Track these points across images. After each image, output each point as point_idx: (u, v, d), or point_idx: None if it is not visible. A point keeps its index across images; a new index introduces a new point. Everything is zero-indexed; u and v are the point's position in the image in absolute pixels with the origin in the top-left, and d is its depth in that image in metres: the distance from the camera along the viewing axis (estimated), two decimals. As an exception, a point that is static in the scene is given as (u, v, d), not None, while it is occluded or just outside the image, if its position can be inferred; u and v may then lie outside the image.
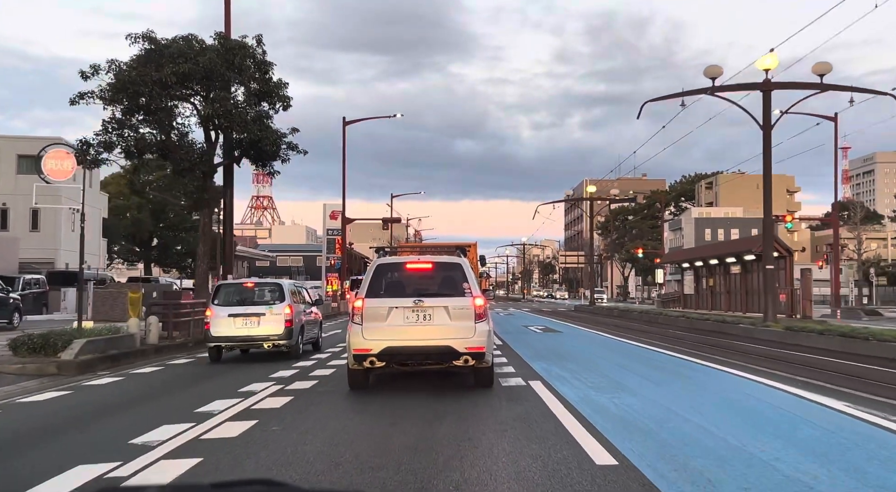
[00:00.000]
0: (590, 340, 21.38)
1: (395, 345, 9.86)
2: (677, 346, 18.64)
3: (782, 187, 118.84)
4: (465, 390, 10.42)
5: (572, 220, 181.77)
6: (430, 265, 10.79)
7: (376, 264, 10.75)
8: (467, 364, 10.02)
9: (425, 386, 10.85)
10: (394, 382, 11.40)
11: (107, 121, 21.04)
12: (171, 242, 67.39)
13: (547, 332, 25.40)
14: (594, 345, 19.22)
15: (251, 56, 22.75)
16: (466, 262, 10.80)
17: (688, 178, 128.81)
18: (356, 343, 9.93)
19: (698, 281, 45.37)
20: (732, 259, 38.72)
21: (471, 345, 9.86)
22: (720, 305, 41.32)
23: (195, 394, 10.40)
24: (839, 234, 42.79)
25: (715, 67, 22.79)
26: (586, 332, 25.17)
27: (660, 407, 8.78)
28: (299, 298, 17.53)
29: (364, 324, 9.93)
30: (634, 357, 15.56)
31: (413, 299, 10.03)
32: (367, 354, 9.87)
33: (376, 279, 10.43)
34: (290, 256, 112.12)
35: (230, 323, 15.56)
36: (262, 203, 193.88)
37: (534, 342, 20.29)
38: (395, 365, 10.37)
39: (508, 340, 20.65)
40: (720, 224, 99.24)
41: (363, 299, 10.05)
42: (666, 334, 23.75)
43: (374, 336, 9.88)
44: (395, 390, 10.56)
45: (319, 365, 14.43)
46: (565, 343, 19.96)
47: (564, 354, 16.37)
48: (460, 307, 10.02)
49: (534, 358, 15.45)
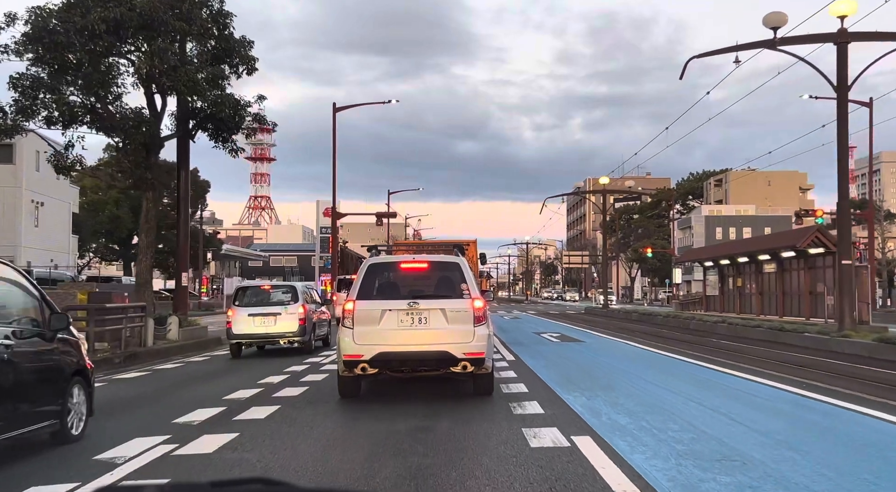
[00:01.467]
0: (626, 354, 17.11)
1: (389, 350, 9.39)
2: (751, 365, 14.30)
3: (794, 184, 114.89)
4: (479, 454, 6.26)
5: (574, 219, 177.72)
6: (425, 265, 10.43)
7: (368, 264, 10.22)
8: (465, 371, 9.48)
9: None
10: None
11: (15, 77, 16.76)
12: (152, 241, 62.97)
13: (565, 341, 21.14)
14: (637, 363, 14.93)
15: (205, 4, 18.50)
16: (465, 261, 10.29)
17: (695, 175, 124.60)
18: (346, 348, 9.45)
19: (723, 281, 41.09)
20: (766, 256, 34.43)
21: (469, 350, 9.37)
22: (749, 308, 37.06)
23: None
24: (853, 233, 38.56)
25: (778, 14, 18.42)
26: (615, 342, 20.88)
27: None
28: (311, 299, 18.87)
29: (355, 328, 9.44)
30: (710, 386, 11.25)
31: (408, 301, 9.54)
32: (358, 361, 9.38)
33: (368, 280, 9.99)
34: (284, 255, 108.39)
35: (250, 322, 17.10)
36: (259, 203, 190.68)
37: (555, 357, 16.06)
38: (388, 372, 9.78)
39: (522, 354, 16.44)
40: (731, 222, 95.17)
41: (354, 301, 9.57)
42: (718, 346, 19.48)
43: (366, 341, 9.40)
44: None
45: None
46: (597, 359, 15.73)
47: (605, 379, 12.15)
48: (458, 310, 9.55)
49: (564, 384, 11.25)
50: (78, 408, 7.55)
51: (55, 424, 7.15)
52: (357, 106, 48.17)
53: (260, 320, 17.21)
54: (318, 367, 14.65)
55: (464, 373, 9.54)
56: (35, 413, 6.91)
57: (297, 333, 17.25)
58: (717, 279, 41.68)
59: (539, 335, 23.68)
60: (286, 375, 13.22)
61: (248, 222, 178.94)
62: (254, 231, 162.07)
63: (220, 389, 11.25)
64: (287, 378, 12.69)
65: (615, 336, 23.04)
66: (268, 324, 17.22)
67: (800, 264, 31.79)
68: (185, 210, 20.96)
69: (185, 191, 21.06)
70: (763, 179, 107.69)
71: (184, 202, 20.99)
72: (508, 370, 13.19)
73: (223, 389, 11.20)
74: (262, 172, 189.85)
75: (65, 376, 7.44)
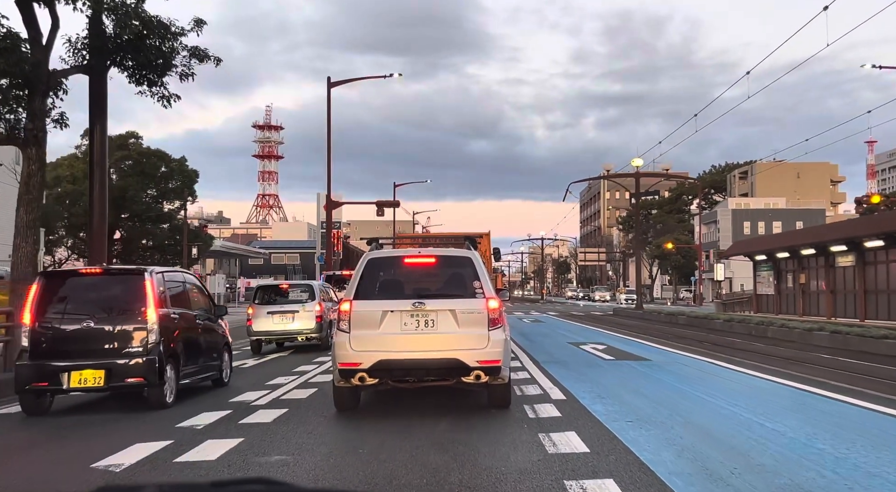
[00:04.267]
0: (738, 388, 11.07)
1: (391, 358, 8.44)
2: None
3: (826, 176, 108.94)
4: None
5: (588, 216, 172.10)
6: (432, 259, 9.33)
7: (367, 259, 9.16)
8: (479, 381, 8.46)
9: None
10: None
11: None
12: (135, 235, 57.89)
13: (622, 359, 15.36)
14: (783, 412, 8.87)
15: None
16: (477, 255, 9.25)
17: (717, 168, 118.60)
18: (342, 355, 8.51)
19: (780, 277, 35.23)
20: (842, 247, 28.57)
21: (484, 357, 8.38)
22: (817, 310, 31.23)
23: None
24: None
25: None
26: (695, 361, 14.85)
27: None
28: (327, 297, 19.49)
29: (352, 332, 8.54)
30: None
31: (412, 301, 8.61)
32: (355, 369, 8.43)
33: (367, 277, 8.99)
34: (286, 253, 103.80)
35: (269, 319, 18.05)
36: (267, 202, 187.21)
37: (627, 393, 10.35)
38: (390, 382, 8.72)
39: (570, 384, 10.98)
40: (760, 216, 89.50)
41: (350, 301, 8.70)
42: (852, 370, 13.61)
43: (365, 347, 8.48)
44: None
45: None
46: (707, 401, 9.72)
47: (757, 455, 6.34)
48: (470, 311, 8.60)
49: (702, 482, 5.45)
50: (227, 365, 12.24)
51: (216, 374, 11.68)
52: (354, 80, 43.87)
53: (279, 318, 18.05)
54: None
55: (477, 383, 8.58)
56: (211, 365, 11.45)
57: (314, 331, 18.07)
58: (772, 275, 35.83)
59: (579, 348, 17.95)
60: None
61: (255, 221, 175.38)
62: (261, 229, 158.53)
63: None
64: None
65: (684, 350, 17.27)
66: (286, 321, 18.09)
67: (889, 256, 25.94)
68: (100, 177, 15.38)
69: (102, 151, 15.46)
70: (792, 171, 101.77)
71: (99, 167, 15.39)
72: (565, 429, 7.52)
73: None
74: (269, 170, 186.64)
75: (221, 344, 12.02)
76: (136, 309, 9.63)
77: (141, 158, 56.08)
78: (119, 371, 9.34)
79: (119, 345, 9.49)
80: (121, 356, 9.41)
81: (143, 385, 9.46)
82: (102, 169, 15.69)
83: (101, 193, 15.79)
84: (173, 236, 56.51)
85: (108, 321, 9.64)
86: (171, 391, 9.76)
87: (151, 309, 9.56)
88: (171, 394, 9.78)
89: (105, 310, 9.77)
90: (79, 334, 9.54)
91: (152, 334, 9.50)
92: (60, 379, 9.22)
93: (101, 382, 9.29)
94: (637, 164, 38.80)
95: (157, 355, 9.44)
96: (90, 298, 9.95)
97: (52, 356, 9.35)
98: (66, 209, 51.91)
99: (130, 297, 9.78)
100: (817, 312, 31.03)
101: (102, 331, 9.57)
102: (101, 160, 15.57)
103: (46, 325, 9.54)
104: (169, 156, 57.54)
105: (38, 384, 9.31)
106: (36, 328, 9.47)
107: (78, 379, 9.23)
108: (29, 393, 9.37)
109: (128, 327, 9.56)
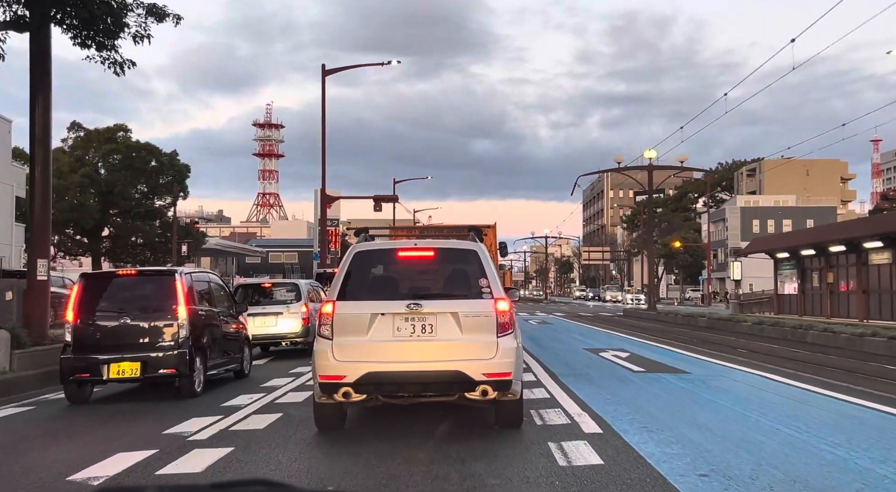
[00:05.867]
0: (821, 410, 8.79)
1: (381, 369, 7.13)
2: None
3: (834, 174, 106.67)
4: None
5: (591, 215, 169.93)
6: (431, 253, 7.88)
7: (354, 252, 7.82)
8: (485, 397, 7.12)
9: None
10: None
11: None
12: (124, 232, 55.79)
13: (653, 372, 13.04)
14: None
15: None
16: (484, 248, 7.87)
17: (724, 165, 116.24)
18: (323, 367, 7.20)
19: (804, 276, 32.93)
20: (877, 243, 26.29)
21: (492, 369, 7.07)
22: (847, 311, 28.95)
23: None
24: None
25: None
26: (750, 376, 12.40)
27: None
28: (316, 297, 17.85)
29: (335, 338, 7.23)
30: None
31: (407, 303, 7.30)
32: (339, 383, 7.11)
33: (354, 274, 7.65)
34: (284, 251, 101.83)
35: (250, 322, 15.46)
36: (268, 200, 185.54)
37: (689, 430, 8.03)
38: (380, 398, 7.38)
39: (600, 408, 8.83)
40: (770, 214, 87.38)
41: (334, 302, 7.34)
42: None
43: (350, 357, 7.17)
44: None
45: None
46: (794, 437, 7.23)
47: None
48: (476, 314, 7.28)
49: None
50: (247, 359, 13.09)
51: (238, 366, 12.54)
52: (350, 68, 41.92)
53: (260, 320, 16.47)
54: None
55: (484, 400, 7.18)
56: (234, 358, 12.38)
57: (299, 334, 16.69)
58: (796, 274, 33.53)
59: (599, 356, 15.69)
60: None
61: (255, 220, 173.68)
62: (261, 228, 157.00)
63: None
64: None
65: (721, 359, 14.99)
66: (269, 324, 16.66)
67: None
68: (42, 157, 13.11)
69: (45, 125, 13.16)
70: (801, 169, 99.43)
71: (41, 144, 13.10)
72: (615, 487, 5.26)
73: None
74: (270, 168, 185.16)
75: (242, 339, 12.97)
76: (168, 306, 10.46)
77: (130, 151, 53.90)
78: (153, 363, 10.19)
79: (153, 339, 10.36)
80: (155, 349, 10.27)
81: (175, 375, 10.28)
82: (45, 148, 13.44)
83: (44, 175, 13.57)
84: (164, 233, 54.32)
85: (142, 318, 10.46)
86: (199, 381, 10.61)
87: (182, 306, 10.40)
88: (200, 384, 10.65)
89: (140, 307, 10.58)
90: (116, 330, 10.39)
91: (183, 329, 10.36)
92: (101, 370, 10.11)
93: (138, 372, 10.15)
94: (650, 156, 36.54)
95: (187, 349, 10.31)
96: (126, 297, 10.76)
97: (93, 350, 10.22)
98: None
99: (163, 295, 10.60)
100: (847, 314, 28.75)
101: (138, 327, 10.41)
102: (44, 136, 13.31)
103: (87, 321, 10.42)
104: (159, 149, 55.34)
105: (80, 375, 10.15)
106: (78, 325, 10.36)
107: (117, 370, 10.12)
108: (72, 383, 10.20)
109: (161, 323, 10.40)
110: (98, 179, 52.40)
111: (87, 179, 51.41)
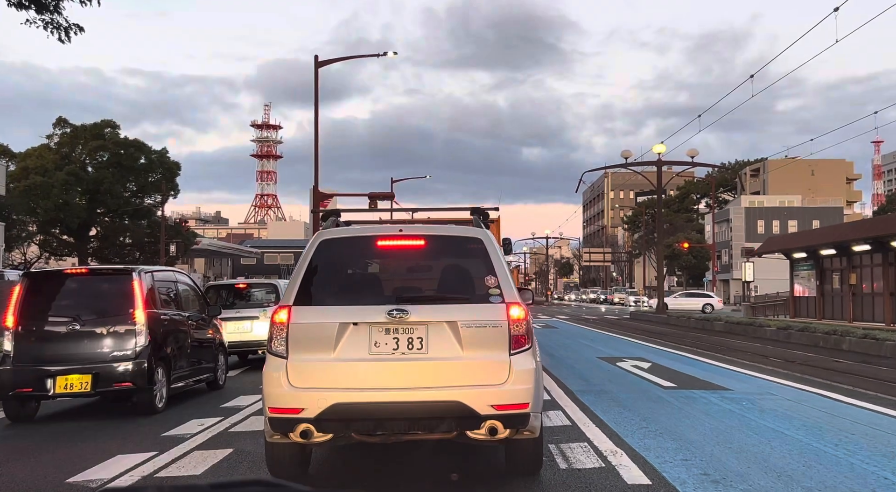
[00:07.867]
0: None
1: (353, 401, 5.27)
2: None
3: (840, 174, 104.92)
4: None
5: (592, 216, 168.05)
6: (421, 242, 5.95)
7: (319, 241, 5.93)
8: (494, 437, 5.29)
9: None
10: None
11: None
12: (112, 232, 53.97)
13: (693, 389, 11.17)
14: None
15: None
16: (491, 236, 5.94)
17: (728, 165, 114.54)
18: (274, 396, 5.42)
19: (823, 278, 31.10)
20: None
21: (503, 400, 5.26)
22: (871, 315, 27.14)
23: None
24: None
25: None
26: (805, 394, 10.34)
27: None
28: None
29: (291, 357, 5.42)
30: None
31: (389, 308, 5.44)
32: (295, 419, 5.28)
33: (320, 270, 5.83)
34: (280, 252, 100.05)
35: (222, 328, 14.27)
36: (266, 201, 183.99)
37: (767, 480, 6.17)
38: (353, 435, 5.45)
39: (637, 437, 7.30)
40: (775, 214, 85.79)
41: (289, 308, 5.53)
42: None
43: (311, 382, 5.36)
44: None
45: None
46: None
47: None
48: (482, 323, 5.43)
49: None
50: (222, 368, 11.86)
51: (211, 376, 11.35)
52: (344, 59, 39.99)
53: (233, 326, 14.75)
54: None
55: (492, 440, 5.31)
56: (205, 368, 11.08)
57: None
58: (814, 275, 31.70)
59: (617, 367, 13.86)
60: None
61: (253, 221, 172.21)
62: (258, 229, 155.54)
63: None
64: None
65: (759, 371, 13.13)
66: (243, 330, 15.02)
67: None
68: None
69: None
70: (806, 168, 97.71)
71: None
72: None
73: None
74: (268, 169, 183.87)
75: (216, 346, 11.69)
76: (124, 310, 9.34)
77: (118, 148, 52.12)
78: (106, 376, 9.05)
79: (106, 348, 9.25)
80: (108, 360, 9.16)
81: (131, 390, 9.20)
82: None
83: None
84: (154, 233, 52.50)
85: (95, 323, 9.34)
86: (161, 396, 9.46)
87: (140, 310, 9.31)
88: (162, 399, 9.49)
89: (92, 311, 9.45)
90: (64, 338, 9.25)
91: (141, 337, 9.26)
92: (46, 384, 8.93)
93: (88, 386, 9.00)
94: (659, 150, 34.72)
95: (146, 359, 9.19)
96: (76, 300, 9.63)
97: (37, 361, 9.09)
98: (34, 203, 47.88)
99: (118, 298, 9.46)
100: (871, 318, 26.97)
101: (89, 333, 9.28)
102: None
103: (31, 328, 9.29)
104: (148, 146, 53.55)
105: (22, 390, 9.02)
106: (19, 331, 9.22)
107: (64, 384, 8.97)
108: (13, 399, 9.12)
109: (115, 330, 9.31)
110: (85, 176, 50.69)
111: (73, 177, 49.66)
